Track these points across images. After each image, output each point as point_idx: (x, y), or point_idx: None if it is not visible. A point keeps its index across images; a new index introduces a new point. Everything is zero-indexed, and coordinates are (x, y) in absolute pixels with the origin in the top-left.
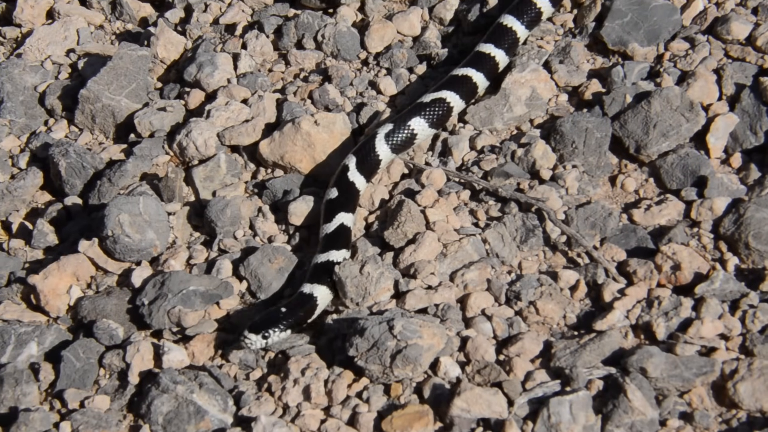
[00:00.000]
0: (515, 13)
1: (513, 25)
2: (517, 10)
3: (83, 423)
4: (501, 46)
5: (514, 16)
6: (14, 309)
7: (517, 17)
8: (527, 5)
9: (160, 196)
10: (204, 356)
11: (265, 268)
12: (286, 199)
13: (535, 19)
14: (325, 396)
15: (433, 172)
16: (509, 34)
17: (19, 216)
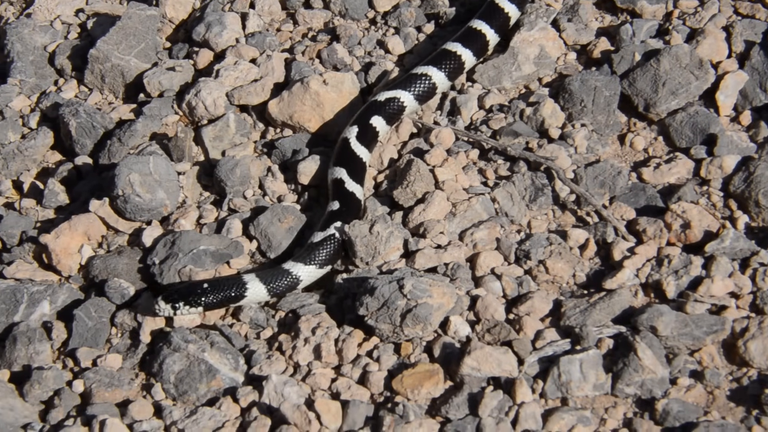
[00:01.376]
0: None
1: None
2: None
3: (96, 381)
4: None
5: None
6: (26, 268)
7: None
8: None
9: (170, 155)
10: (215, 316)
11: (275, 228)
12: (295, 158)
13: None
14: (336, 355)
15: (442, 132)
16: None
17: (30, 176)
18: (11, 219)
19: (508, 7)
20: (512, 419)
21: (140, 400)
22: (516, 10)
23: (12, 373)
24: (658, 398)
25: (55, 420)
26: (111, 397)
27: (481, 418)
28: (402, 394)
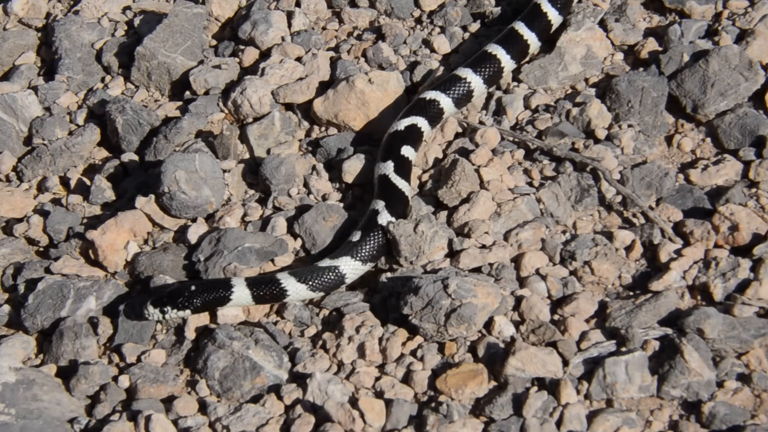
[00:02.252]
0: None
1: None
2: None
3: (141, 377)
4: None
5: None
6: (73, 264)
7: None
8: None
9: (216, 153)
10: (259, 313)
11: (320, 226)
12: (339, 157)
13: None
14: (380, 354)
15: (488, 131)
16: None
17: (77, 172)
18: (58, 215)
19: (550, 12)
20: (557, 420)
21: (185, 397)
22: (558, 15)
23: (59, 368)
24: (704, 401)
25: (101, 415)
26: (156, 393)
27: (525, 419)
28: (446, 394)
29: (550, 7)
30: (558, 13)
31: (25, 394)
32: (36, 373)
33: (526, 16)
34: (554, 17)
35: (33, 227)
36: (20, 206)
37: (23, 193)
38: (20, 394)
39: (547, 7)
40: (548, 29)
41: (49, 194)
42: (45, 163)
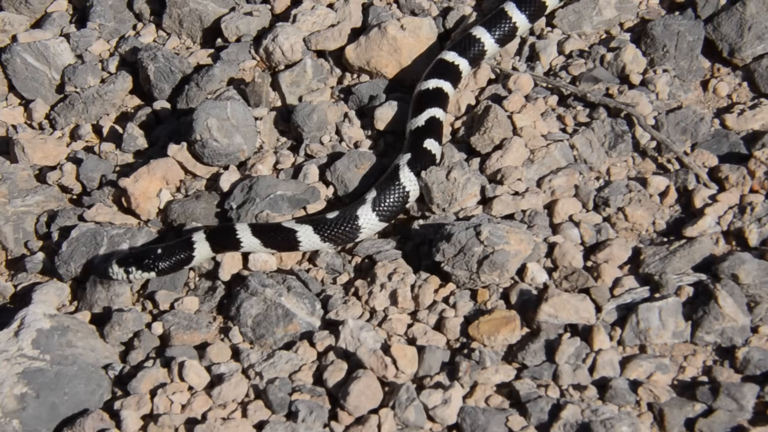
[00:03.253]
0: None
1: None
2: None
3: (174, 324)
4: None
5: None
6: (106, 211)
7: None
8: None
9: (247, 101)
10: (292, 260)
11: (352, 174)
12: (372, 104)
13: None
14: (412, 301)
15: (521, 77)
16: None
17: (109, 120)
18: (91, 163)
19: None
20: (589, 366)
21: (218, 343)
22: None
23: (93, 315)
24: (738, 346)
25: (135, 361)
26: (189, 340)
27: (557, 365)
28: (478, 340)
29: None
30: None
31: (60, 340)
32: (70, 320)
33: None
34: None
35: (66, 175)
36: (53, 154)
37: (56, 141)
38: (55, 340)
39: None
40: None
41: (81, 142)
42: (77, 110)
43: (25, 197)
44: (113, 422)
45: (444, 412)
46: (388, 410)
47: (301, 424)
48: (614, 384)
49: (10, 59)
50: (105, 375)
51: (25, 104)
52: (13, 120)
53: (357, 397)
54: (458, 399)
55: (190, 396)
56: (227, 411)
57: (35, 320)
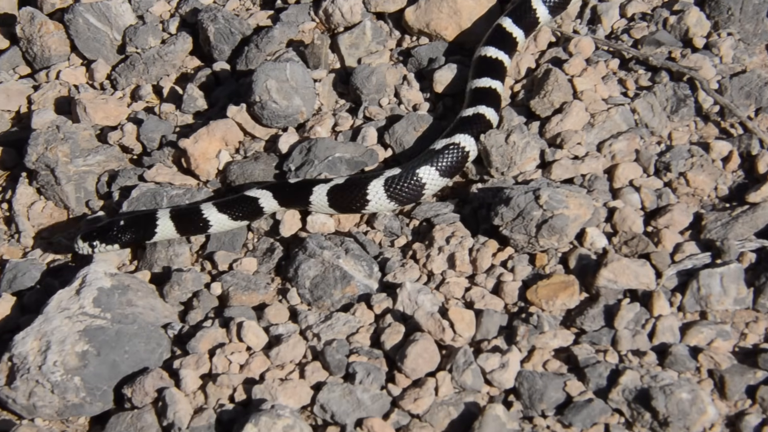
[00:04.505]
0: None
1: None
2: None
3: (233, 284)
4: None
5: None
6: (166, 172)
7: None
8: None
9: (306, 62)
10: (349, 222)
11: (410, 136)
12: (431, 66)
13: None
14: (470, 264)
15: (582, 41)
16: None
17: (169, 81)
18: (151, 123)
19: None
20: (649, 332)
21: (276, 304)
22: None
23: (153, 274)
24: None
25: (194, 321)
26: (248, 301)
27: (617, 330)
28: (536, 305)
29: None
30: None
31: (120, 299)
32: (130, 279)
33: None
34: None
35: (127, 135)
36: (114, 114)
37: (117, 101)
38: (115, 299)
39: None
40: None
41: (142, 102)
42: (138, 71)
43: (87, 157)
44: (172, 381)
45: (501, 376)
46: (445, 373)
47: (358, 386)
48: (674, 350)
49: (73, 19)
50: (164, 334)
51: (87, 64)
52: (75, 80)
53: (414, 359)
54: (516, 363)
55: (248, 356)
56: (285, 372)
57: (96, 279)
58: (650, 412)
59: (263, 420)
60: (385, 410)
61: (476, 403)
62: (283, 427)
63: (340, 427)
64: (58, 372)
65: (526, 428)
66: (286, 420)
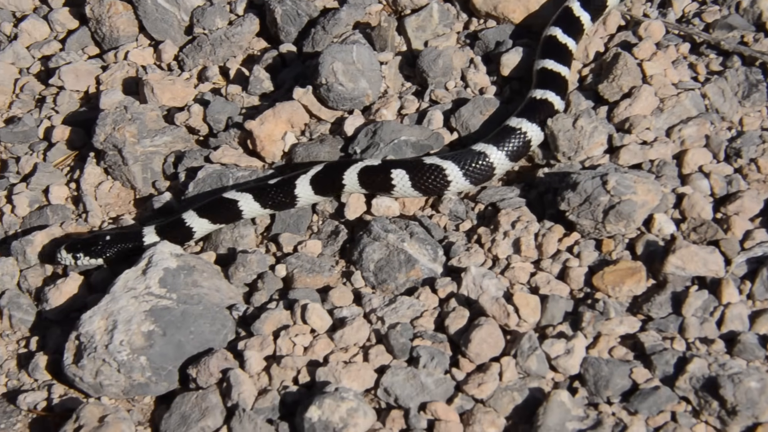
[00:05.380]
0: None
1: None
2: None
3: (298, 267)
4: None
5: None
6: (232, 153)
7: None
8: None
9: (373, 45)
10: (414, 206)
11: (476, 120)
12: (498, 50)
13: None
14: (535, 249)
15: (652, 24)
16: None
17: (236, 62)
18: (218, 104)
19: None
20: (717, 319)
21: (340, 287)
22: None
23: (218, 255)
24: None
25: (258, 302)
26: (312, 283)
27: (684, 318)
28: (602, 291)
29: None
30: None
31: (186, 279)
32: (196, 260)
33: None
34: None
35: (193, 116)
36: (181, 95)
37: (184, 82)
38: (181, 279)
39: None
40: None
41: (209, 84)
42: (205, 52)
43: (154, 137)
44: (237, 362)
45: (567, 362)
46: (509, 358)
47: (422, 369)
48: (743, 338)
49: (141, 0)
50: (229, 315)
51: (155, 45)
52: (143, 61)
53: (479, 344)
54: (581, 349)
55: (312, 339)
56: (349, 354)
57: (162, 259)
58: (718, 401)
59: (327, 402)
60: (449, 394)
61: (541, 389)
62: (347, 410)
63: (403, 411)
64: (125, 351)
65: (591, 415)
66: (350, 403)
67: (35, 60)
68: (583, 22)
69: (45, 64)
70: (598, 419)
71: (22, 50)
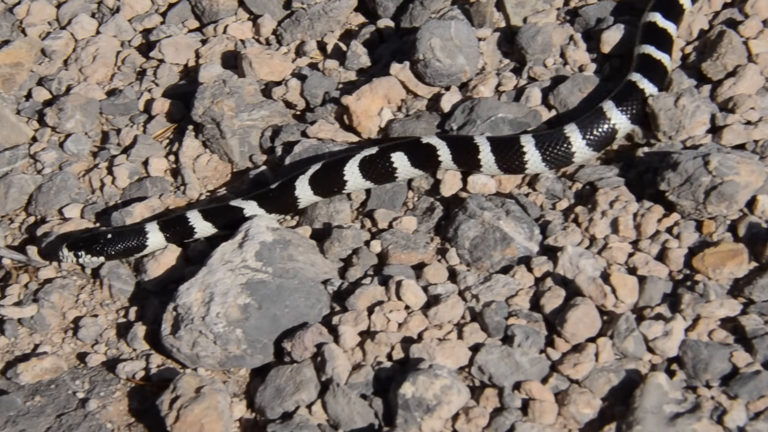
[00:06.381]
0: None
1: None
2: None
3: (392, 243)
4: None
5: None
6: (328, 128)
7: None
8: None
9: (471, 21)
10: (510, 184)
11: (575, 98)
12: (598, 27)
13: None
14: (634, 230)
15: (759, 2)
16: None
17: (333, 37)
18: (315, 79)
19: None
20: None
21: (435, 264)
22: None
23: (313, 230)
24: None
25: (353, 278)
26: (406, 259)
27: None
28: (702, 273)
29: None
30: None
31: (282, 253)
32: (292, 234)
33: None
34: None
35: (291, 91)
36: (279, 69)
37: (282, 56)
38: (277, 253)
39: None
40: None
41: (306, 58)
42: (303, 27)
43: (251, 111)
44: (331, 337)
45: (665, 344)
46: (606, 339)
47: (516, 348)
48: None
49: None
50: (324, 290)
51: (254, 19)
52: (241, 35)
53: (575, 324)
54: (680, 331)
55: (406, 315)
56: (443, 332)
57: (259, 233)
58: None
59: (421, 379)
60: (544, 374)
61: (637, 371)
62: (441, 387)
63: (497, 390)
64: (221, 323)
65: (689, 398)
66: (444, 380)
67: (136, 33)
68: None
69: (146, 37)
70: (696, 402)
71: (123, 23)
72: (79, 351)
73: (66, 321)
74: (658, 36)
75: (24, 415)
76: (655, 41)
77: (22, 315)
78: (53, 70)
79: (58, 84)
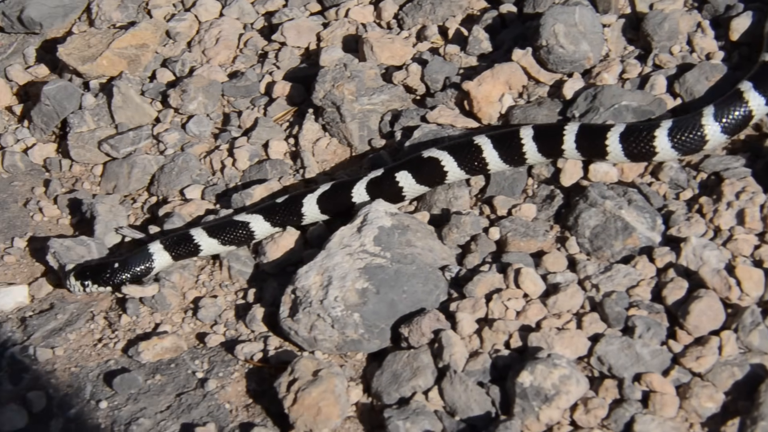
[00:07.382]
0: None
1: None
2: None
3: (512, 230)
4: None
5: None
6: (448, 114)
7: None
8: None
9: (596, 7)
10: (633, 173)
11: (702, 86)
12: (728, 14)
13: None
14: (760, 221)
15: None
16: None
17: (455, 22)
18: (436, 64)
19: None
20: None
21: (554, 252)
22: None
23: (431, 216)
24: None
25: (471, 264)
26: (525, 247)
27: None
28: None
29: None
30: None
31: (400, 239)
32: (410, 220)
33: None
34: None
35: (411, 75)
36: (399, 54)
37: (403, 41)
38: (395, 238)
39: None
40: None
41: (427, 43)
42: (425, 11)
43: (372, 96)
44: (449, 323)
45: None
46: (730, 332)
47: (637, 339)
48: None
49: None
50: (442, 276)
51: (375, 3)
52: (363, 18)
53: (698, 316)
54: None
55: (524, 303)
56: (562, 321)
57: (377, 218)
58: None
59: (539, 368)
60: (665, 366)
61: (763, 365)
62: (560, 377)
63: (617, 381)
64: (339, 307)
65: None
66: (563, 370)
67: (259, 15)
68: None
69: (268, 20)
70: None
71: (246, 5)
72: (199, 331)
73: (186, 301)
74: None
75: (145, 393)
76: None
77: (143, 294)
78: (177, 51)
79: (182, 66)
